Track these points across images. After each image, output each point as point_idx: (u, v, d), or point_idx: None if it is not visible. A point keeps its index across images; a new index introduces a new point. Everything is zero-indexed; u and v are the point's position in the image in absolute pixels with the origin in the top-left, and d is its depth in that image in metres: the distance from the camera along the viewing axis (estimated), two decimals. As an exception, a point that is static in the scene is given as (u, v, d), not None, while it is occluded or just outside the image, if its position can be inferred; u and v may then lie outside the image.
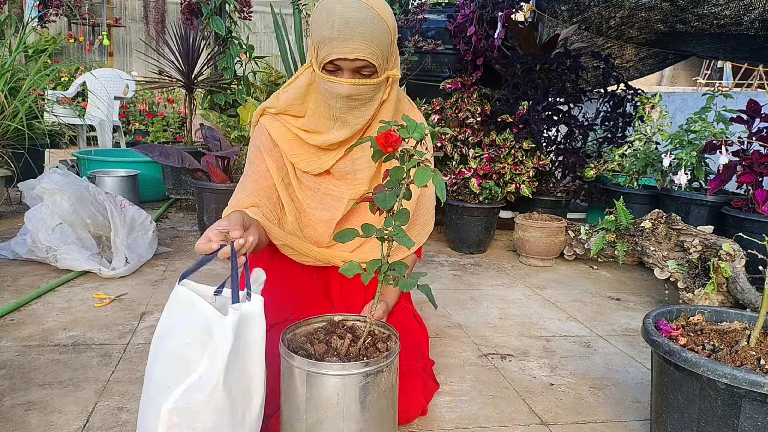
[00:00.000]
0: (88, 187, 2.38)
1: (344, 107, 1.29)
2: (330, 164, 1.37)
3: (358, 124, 1.32)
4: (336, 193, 1.40)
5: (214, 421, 0.91)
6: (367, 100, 1.29)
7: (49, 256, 2.22)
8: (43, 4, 6.46)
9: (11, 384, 1.39)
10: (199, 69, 3.66)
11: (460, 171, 2.88)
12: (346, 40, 1.19)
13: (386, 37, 1.24)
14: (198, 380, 0.89)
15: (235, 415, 0.95)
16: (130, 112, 6.12)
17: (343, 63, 1.23)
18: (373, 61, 1.23)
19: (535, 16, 3.97)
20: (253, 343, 0.99)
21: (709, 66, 9.47)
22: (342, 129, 1.32)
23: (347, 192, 1.39)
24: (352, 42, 1.19)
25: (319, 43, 1.24)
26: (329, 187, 1.41)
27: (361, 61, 1.22)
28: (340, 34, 1.19)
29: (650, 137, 3.39)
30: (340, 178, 1.40)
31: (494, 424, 1.34)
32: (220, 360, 0.89)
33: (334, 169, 1.39)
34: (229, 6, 3.71)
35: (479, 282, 2.47)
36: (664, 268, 2.25)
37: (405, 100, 1.52)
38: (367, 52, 1.21)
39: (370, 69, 1.25)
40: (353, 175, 1.39)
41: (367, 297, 1.48)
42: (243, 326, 0.95)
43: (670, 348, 1.09)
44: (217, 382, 0.89)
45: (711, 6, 2.84)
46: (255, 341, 0.99)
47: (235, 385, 0.95)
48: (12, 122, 2.84)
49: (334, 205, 1.40)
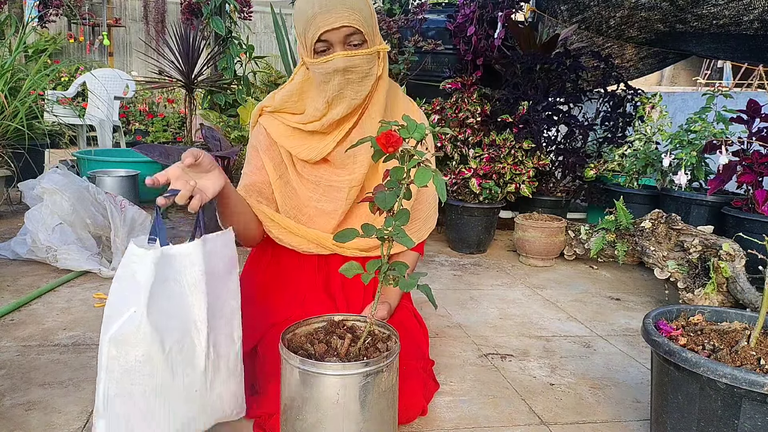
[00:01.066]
0: (88, 187, 2.38)
1: (342, 82, 1.29)
2: (331, 147, 1.37)
3: (356, 99, 1.32)
4: (337, 183, 1.40)
5: (144, 353, 0.96)
6: (363, 73, 1.30)
7: (49, 256, 2.22)
8: (43, 4, 6.47)
9: (11, 384, 1.39)
10: (199, 69, 3.66)
11: (460, 171, 2.88)
12: (329, 11, 1.22)
13: (366, 7, 1.26)
14: (132, 314, 0.96)
15: (168, 353, 0.99)
16: (130, 112, 6.11)
17: (332, 36, 1.25)
18: (359, 27, 1.25)
19: (535, 16, 3.97)
20: (189, 285, 1.02)
21: (709, 66, 9.47)
22: (340, 105, 1.32)
23: (347, 179, 1.39)
24: (335, 11, 1.22)
25: (304, 27, 1.26)
26: (330, 178, 1.40)
27: (348, 28, 1.24)
28: (321, 8, 1.22)
29: (650, 137, 3.39)
30: (340, 166, 1.40)
31: (494, 424, 1.34)
32: (143, 294, 0.96)
33: (334, 156, 1.39)
34: (229, 6, 3.71)
35: (479, 282, 2.47)
36: (664, 268, 2.25)
37: (406, 99, 1.52)
38: (352, 18, 1.23)
39: (359, 37, 1.26)
40: (353, 158, 1.39)
41: (368, 294, 1.48)
42: (174, 266, 1.01)
43: (670, 348, 1.09)
44: (142, 315, 0.95)
45: (710, 6, 2.84)
46: (191, 283, 1.02)
47: (168, 322, 0.99)
48: (12, 122, 2.84)
49: (336, 196, 1.40)
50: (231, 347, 1.13)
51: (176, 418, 1.03)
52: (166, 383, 1.00)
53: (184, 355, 1.02)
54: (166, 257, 1.00)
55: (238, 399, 1.16)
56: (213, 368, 1.08)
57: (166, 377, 1.00)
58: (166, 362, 0.99)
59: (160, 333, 0.97)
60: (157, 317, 0.97)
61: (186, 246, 1.04)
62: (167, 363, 0.99)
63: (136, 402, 0.98)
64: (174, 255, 1.01)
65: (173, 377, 1.01)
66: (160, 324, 0.98)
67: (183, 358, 1.02)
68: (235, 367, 1.14)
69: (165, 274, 0.99)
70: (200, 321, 1.04)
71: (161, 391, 0.99)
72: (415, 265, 1.58)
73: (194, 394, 1.04)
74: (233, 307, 1.13)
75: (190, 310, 1.03)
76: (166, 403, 1.01)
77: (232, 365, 1.13)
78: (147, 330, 0.96)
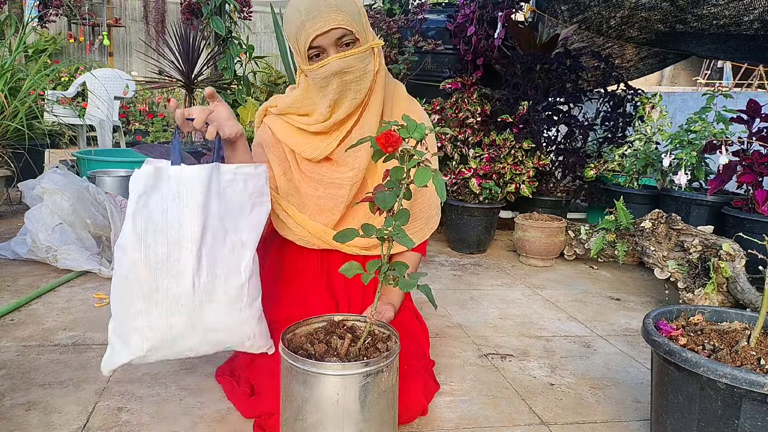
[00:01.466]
0: (88, 187, 2.38)
1: (340, 85, 1.31)
2: (333, 146, 1.39)
3: (356, 98, 1.34)
4: (339, 180, 1.42)
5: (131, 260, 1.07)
6: (360, 72, 1.31)
7: (49, 256, 2.22)
8: (43, 4, 6.47)
9: (11, 384, 1.39)
10: (199, 69, 3.66)
11: (460, 171, 2.88)
12: (316, 17, 1.24)
13: (353, 6, 1.28)
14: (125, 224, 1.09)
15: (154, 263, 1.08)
16: (130, 112, 6.11)
17: (323, 40, 1.27)
18: (348, 27, 1.26)
19: (535, 16, 3.97)
20: (187, 205, 1.09)
21: (709, 66, 9.47)
22: (342, 106, 1.35)
23: (349, 176, 1.41)
24: (322, 16, 1.24)
25: (296, 36, 1.28)
26: (332, 175, 1.42)
27: (337, 30, 1.26)
28: (308, 14, 1.24)
29: (650, 137, 3.39)
30: (342, 163, 1.42)
31: (494, 424, 1.34)
32: (130, 206, 1.08)
33: (336, 154, 1.41)
34: (229, 6, 3.71)
35: (479, 282, 2.47)
36: (664, 268, 2.25)
37: (407, 96, 1.52)
38: (339, 19, 1.25)
39: (350, 37, 1.28)
40: (354, 155, 1.40)
41: (368, 294, 1.48)
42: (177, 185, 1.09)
43: (670, 348, 1.09)
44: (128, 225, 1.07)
45: (711, 6, 2.84)
46: (189, 203, 1.09)
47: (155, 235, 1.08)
48: (12, 122, 2.84)
49: (337, 192, 1.42)
50: (233, 276, 1.15)
51: (166, 325, 1.10)
52: (151, 291, 1.08)
53: (169, 268, 1.08)
54: (168, 175, 1.08)
55: (252, 333, 1.18)
56: (204, 290, 1.11)
57: (151, 285, 1.08)
58: (150, 272, 1.07)
59: (145, 243, 1.06)
60: (144, 227, 1.07)
61: (191, 168, 1.10)
62: (152, 273, 1.07)
63: (129, 303, 1.09)
64: (178, 175, 1.09)
65: (157, 287, 1.08)
66: (148, 235, 1.07)
67: (168, 271, 1.08)
68: (239, 298, 1.15)
69: (164, 190, 1.08)
70: (190, 240, 1.09)
71: (149, 298, 1.08)
72: (417, 265, 1.58)
73: (180, 309, 1.10)
74: (244, 240, 1.17)
75: (182, 227, 1.09)
76: (153, 309, 1.09)
77: (234, 294, 1.15)
78: (132, 238, 1.06)
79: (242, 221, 1.17)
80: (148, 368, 1.51)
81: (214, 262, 1.13)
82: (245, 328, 1.17)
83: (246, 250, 1.17)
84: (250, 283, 1.17)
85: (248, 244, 1.17)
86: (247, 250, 1.17)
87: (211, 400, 1.36)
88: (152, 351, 1.12)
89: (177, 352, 1.15)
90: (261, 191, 1.21)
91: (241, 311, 1.16)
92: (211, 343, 1.16)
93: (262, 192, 1.21)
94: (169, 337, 1.11)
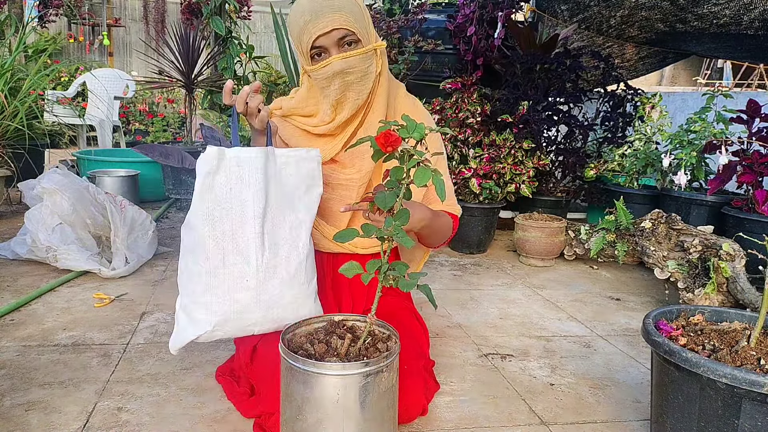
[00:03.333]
0: (88, 187, 2.38)
1: (342, 85, 1.32)
2: (339, 148, 1.40)
3: (359, 99, 1.35)
4: (346, 182, 1.42)
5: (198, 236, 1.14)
6: (362, 73, 1.32)
7: (49, 256, 2.22)
8: (43, 4, 6.46)
9: (11, 384, 1.39)
10: (199, 69, 3.66)
11: (460, 171, 2.88)
12: (318, 17, 1.25)
13: (356, 7, 1.29)
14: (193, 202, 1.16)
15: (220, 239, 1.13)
16: (130, 112, 6.11)
17: (325, 40, 1.28)
18: (350, 27, 1.27)
19: (535, 16, 3.97)
20: (249, 185, 1.14)
21: (709, 66, 9.47)
22: (345, 107, 1.36)
23: (357, 177, 1.41)
24: (324, 17, 1.25)
25: (299, 36, 1.30)
26: (339, 177, 1.42)
27: (339, 30, 1.26)
28: (311, 15, 1.25)
29: (650, 137, 3.39)
30: (348, 165, 1.42)
31: (494, 424, 1.34)
32: (198, 185, 1.13)
33: (342, 155, 1.42)
34: (229, 6, 3.71)
35: (479, 282, 2.47)
36: (664, 268, 2.25)
37: (409, 96, 1.51)
38: (342, 20, 1.26)
39: (352, 37, 1.29)
40: (360, 156, 1.41)
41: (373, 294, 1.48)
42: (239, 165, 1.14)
43: (671, 348, 1.09)
44: (195, 202, 1.13)
45: (711, 5, 2.84)
46: (251, 183, 1.14)
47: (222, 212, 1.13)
48: (12, 122, 2.84)
49: (345, 194, 1.42)
50: (293, 254, 1.20)
51: (231, 300, 1.14)
52: (217, 267, 1.13)
53: (235, 244, 1.13)
54: (231, 157, 1.14)
55: (309, 311, 1.22)
56: (267, 266, 1.15)
57: (217, 261, 1.13)
58: (217, 247, 1.13)
59: (212, 219, 1.12)
60: (211, 206, 1.12)
61: (249, 150, 1.15)
62: (218, 248, 1.13)
63: (197, 279, 1.14)
64: (238, 156, 1.14)
65: (224, 263, 1.13)
66: (215, 213, 1.12)
67: (234, 247, 1.13)
68: (298, 275, 1.20)
69: (228, 171, 1.13)
70: (253, 217, 1.14)
71: (215, 273, 1.13)
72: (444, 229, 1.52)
73: (245, 284, 1.14)
74: (301, 219, 1.22)
75: (245, 205, 1.14)
76: (221, 284, 1.13)
77: (293, 271, 1.19)
78: (200, 214, 1.12)
79: (298, 202, 1.22)
80: (149, 368, 1.51)
81: (276, 240, 1.18)
82: (304, 306, 1.22)
83: (302, 230, 1.22)
84: (307, 261, 1.22)
85: (305, 224, 1.22)
86: (303, 230, 1.22)
87: (211, 400, 1.36)
88: (219, 326, 1.15)
89: (242, 327, 1.18)
90: (312, 174, 1.25)
91: (300, 288, 1.21)
92: (274, 320, 1.19)
93: (313, 175, 1.25)
94: (235, 311, 1.15)
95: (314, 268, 1.27)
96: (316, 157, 1.26)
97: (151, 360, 1.56)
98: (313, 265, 1.27)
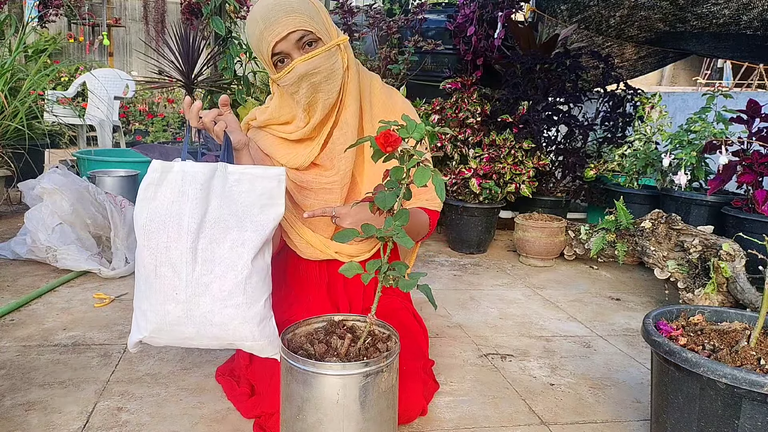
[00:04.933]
0: (88, 187, 2.38)
1: (310, 87, 1.30)
2: (317, 151, 1.39)
3: (329, 98, 1.33)
4: (328, 185, 1.41)
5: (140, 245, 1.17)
6: (328, 71, 1.30)
7: (49, 256, 2.22)
8: (43, 4, 6.47)
9: (11, 384, 1.39)
10: (199, 69, 3.66)
11: (460, 171, 2.88)
12: (272, 24, 1.24)
13: (309, 6, 1.28)
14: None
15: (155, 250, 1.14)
16: (130, 112, 6.11)
17: (284, 45, 1.26)
18: (307, 27, 1.25)
19: (535, 16, 3.97)
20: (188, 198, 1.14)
21: (709, 66, 9.47)
22: (317, 109, 1.34)
23: (337, 179, 1.40)
24: (278, 22, 1.24)
25: (258, 47, 1.28)
26: (321, 180, 1.41)
27: (296, 32, 1.25)
28: (265, 23, 1.24)
29: (650, 137, 3.39)
30: (328, 167, 1.41)
31: (494, 424, 1.34)
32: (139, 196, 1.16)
33: (321, 158, 1.41)
34: (229, 6, 3.71)
35: (479, 282, 2.47)
36: (664, 268, 2.25)
37: (385, 87, 1.50)
38: (297, 21, 1.24)
39: (311, 37, 1.27)
40: (338, 155, 1.40)
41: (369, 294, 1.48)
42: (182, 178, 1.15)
43: (671, 348, 1.09)
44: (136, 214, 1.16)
45: (710, 5, 2.84)
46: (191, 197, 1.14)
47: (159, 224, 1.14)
48: (12, 122, 2.84)
49: (329, 198, 1.41)
50: (230, 273, 1.15)
51: (164, 311, 1.15)
52: (149, 276, 1.15)
53: (168, 256, 1.14)
54: (177, 171, 1.15)
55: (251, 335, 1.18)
56: (197, 282, 1.14)
57: (150, 271, 1.15)
58: (151, 257, 1.14)
59: (147, 231, 1.14)
60: (148, 217, 1.14)
61: (196, 165, 1.16)
62: (152, 258, 1.14)
63: (138, 284, 1.19)
64: (183, 170, 1.15)
65: (156, 274, 1.14)
66: (151, 225, 1.14)
67: (167, 259, 1.14)
68: (233, 295, 1.16)
69: (171, 184, 1.15)
70: (187, 232, 1.14)
71: (150, 283, 1.15)
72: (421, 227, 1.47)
73: (175, 297, 1.14)
74: (246, 239, 1.17)
75: (181, 219, 1.14)
76: (154, 294, 1.15)
77: (228, 290, 1.15)
78: (138, 225, 1.15)
79: (248, 220, 1.17)
80: (148, 368, 1.51)
81: (212, 257, 1.15)
82: (243, 328, 1.17)
83: (245, 249, 1.16)
84: (248, 282, 1.15)
85: (249, 244, 1.16)
86: (247, 249, 1.16)
87: (211, 400, 1.36)
88: (155, 333, 1.17)
89: (177, 339, 1.18)
90: (271, 194, 1.19)
91: (237, 309, 1.15)
92: (210, 337, 1.17)
93: (272, 194, 1.19)
94: (168, 322, 1.15)
95: (264, 291, 1.19)
96: (277, 176, 1.19)
97: (150, 360, 1.56)
98: (263, 288, 1.19)
